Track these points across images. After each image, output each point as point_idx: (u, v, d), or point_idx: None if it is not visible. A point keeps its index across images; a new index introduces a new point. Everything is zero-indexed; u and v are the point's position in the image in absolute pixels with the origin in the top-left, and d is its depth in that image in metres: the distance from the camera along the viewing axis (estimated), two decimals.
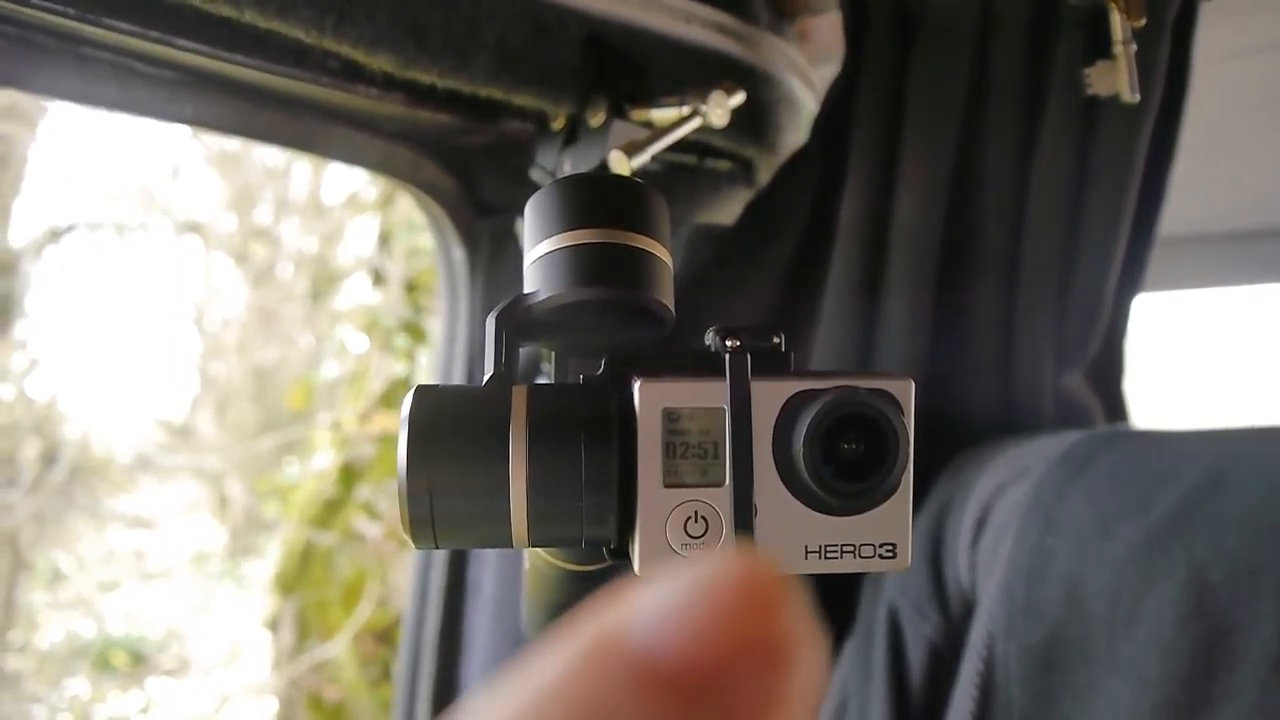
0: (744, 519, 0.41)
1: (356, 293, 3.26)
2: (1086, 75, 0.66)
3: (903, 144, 0.80)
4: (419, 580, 0.95)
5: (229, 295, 3.81)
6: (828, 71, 0.89)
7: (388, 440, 2.44)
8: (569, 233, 0.45)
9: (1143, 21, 0.60)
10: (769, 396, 0.41)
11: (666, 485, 0.41)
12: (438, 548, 0.43)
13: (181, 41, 0.59)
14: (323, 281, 3.46)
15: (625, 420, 0.42)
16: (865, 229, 0.82)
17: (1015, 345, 0.84)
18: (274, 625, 2.51)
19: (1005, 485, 0.78)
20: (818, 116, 0.83)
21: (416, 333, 2.48)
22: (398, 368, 2.48)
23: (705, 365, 0.43)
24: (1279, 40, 0.91)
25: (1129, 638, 0.65)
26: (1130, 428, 0.87)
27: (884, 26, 0.79)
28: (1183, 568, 0.64)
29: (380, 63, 0.61)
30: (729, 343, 0.41)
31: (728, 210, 0.91)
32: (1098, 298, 0.82)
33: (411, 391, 0.42)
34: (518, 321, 0.44)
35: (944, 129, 0.79)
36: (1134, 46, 0.63)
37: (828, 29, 0.88)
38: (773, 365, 0.43)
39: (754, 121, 0.83)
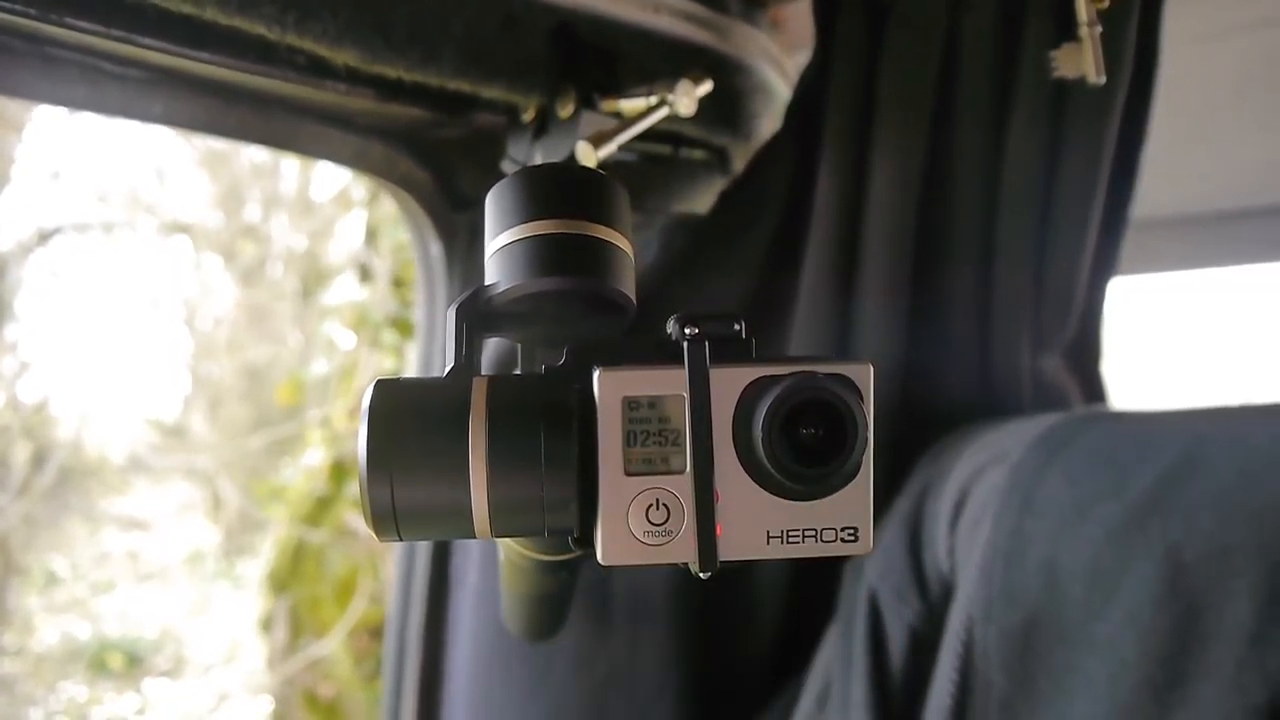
0: (705, 506, 0.41)
1: (346, 289, 3.26)
2: (1053, 57, 0.66)
3: (875, 130, 0.80)
4: (403, 573, 0.95)
5: (219, 294, 3.81)
6: (801, 59, 0.89)
7: None
8: (528, 224, 0.45)
9: (1105, 3, 0.60)
10: (728, 383, 0.41)
11: (628, 474, 0.41)
12: (400, 539, 0.43)
13: (145, 40, 0.59)
14: (313, 279, 3.45)
15: (586, 409, 0.42)
16: (840, 215, 0.83)
17: (991, 329, 0.85)
18: (267, 624, 2.52)
19: (983, 468, 0.78)
20: (790, 103, 0.83)
21: (404, 328, 2.48)
22: (386, 363, 2.49)
23: (666, 354, 0.43)
24: (1254, 21, 0.91)
25: (1106, 618, 0.65)
26: (1106, 409, 0.87)
27: (854, 12, 0.79)
28: (1159, 548, 0.64)
29: (346, 58, 0.61)
30: (688, 330, 0.41)
31: (703, 200, 0.91)
32: (1072, 280, 0.82)
33: (371, 384, 0.42)
34: (479, 313, 0.45)
35: (916, 114, 0.79)
36: (1099, 28, 0.63)
37: (801, 16, 0.88)
38: (734, 352, 0.43)
39: (727, 111, 0.83)
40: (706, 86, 0.65)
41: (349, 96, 0.70)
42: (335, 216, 3.37)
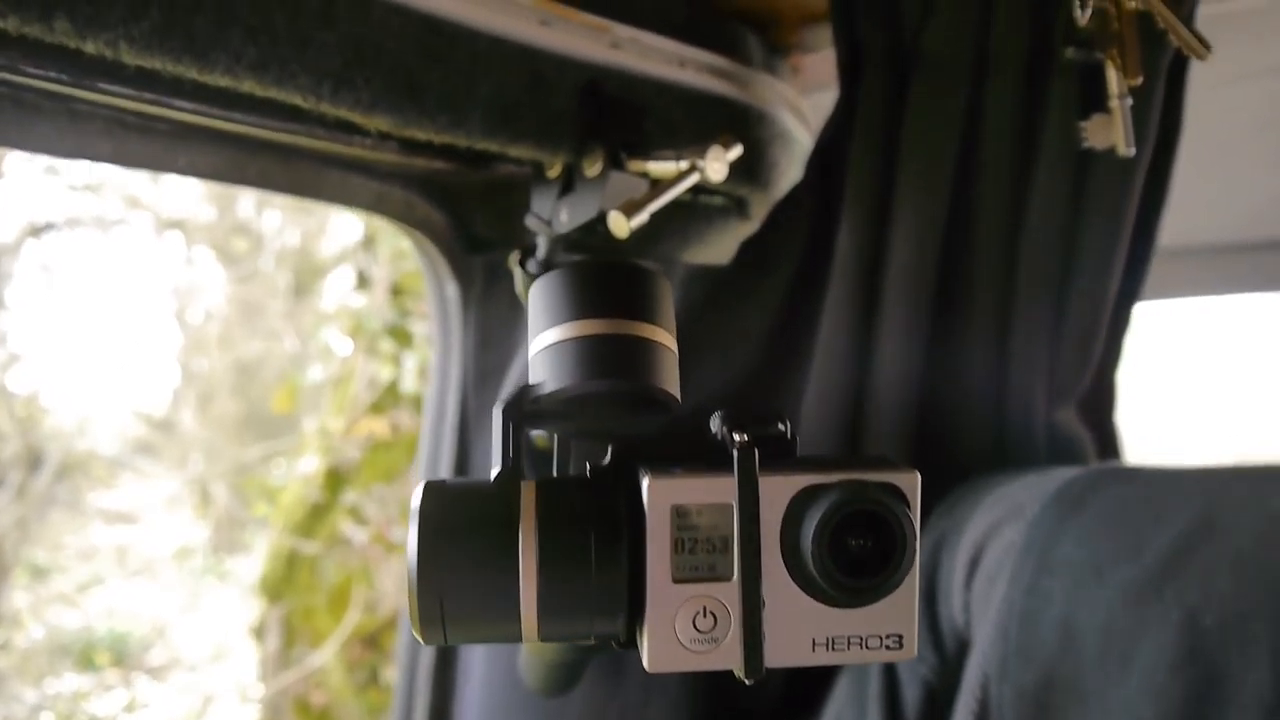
0: (753, 614, 0.41)
1: (339, 288, 3.24)
2: (1082, 128, 0.67)
3: (897, 182, 0.80)
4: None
5: (211, 289, 3.79)
6: (820, 100, 0.89)
7: (374, 445, 2.43)
8: (575, 323, 0.45)
9: (1139, 80, 0.60)
10: (777, 491, 0.42)
11: (675, 580, 0.41)
12: (446, 643, 0.43)
13: (178, 103, 0.59)
14: (305, 276, 3.44)
15: (634, 516, 0.42)
16: (859, 266, 0.83)
17: (1008, 382, 0.85)
18: (260, 632, 2.51)
19: (999, 524, 0.78)
20: (812, 153, 0.83)
21: (402, 337, 2.47)
22: (383, 372, 2.48)
23: (712, 456, 0.43)
24: (1265, 70, 0.91)
25: (1122, 681, 0.66)
26: (1121, 465, 0.87)
27: (878, 65, 0.79)
28: (1175, 612, 0.65)
29: (378, 124, 0.60)
30: (736, 436, 0.42)
31: (721, 245, 0.91)
32: (1091, 334, 0.83)
33: (421, 486, 0.42)
34: (525, 412, 0.45)
35: (939, 169, 0.79)
36: (1129, 101, 0.63)
37: (821, 63, 0.88)
38: (779, 452, 0.43)
39: (749, 160, 0.83)
40: (737, 151, 0.65)
41: (374, 151, 0.70)
42: (329, 213, 3.35)
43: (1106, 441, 0.90)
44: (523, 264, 0.75)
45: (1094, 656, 0.68)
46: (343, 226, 3.29)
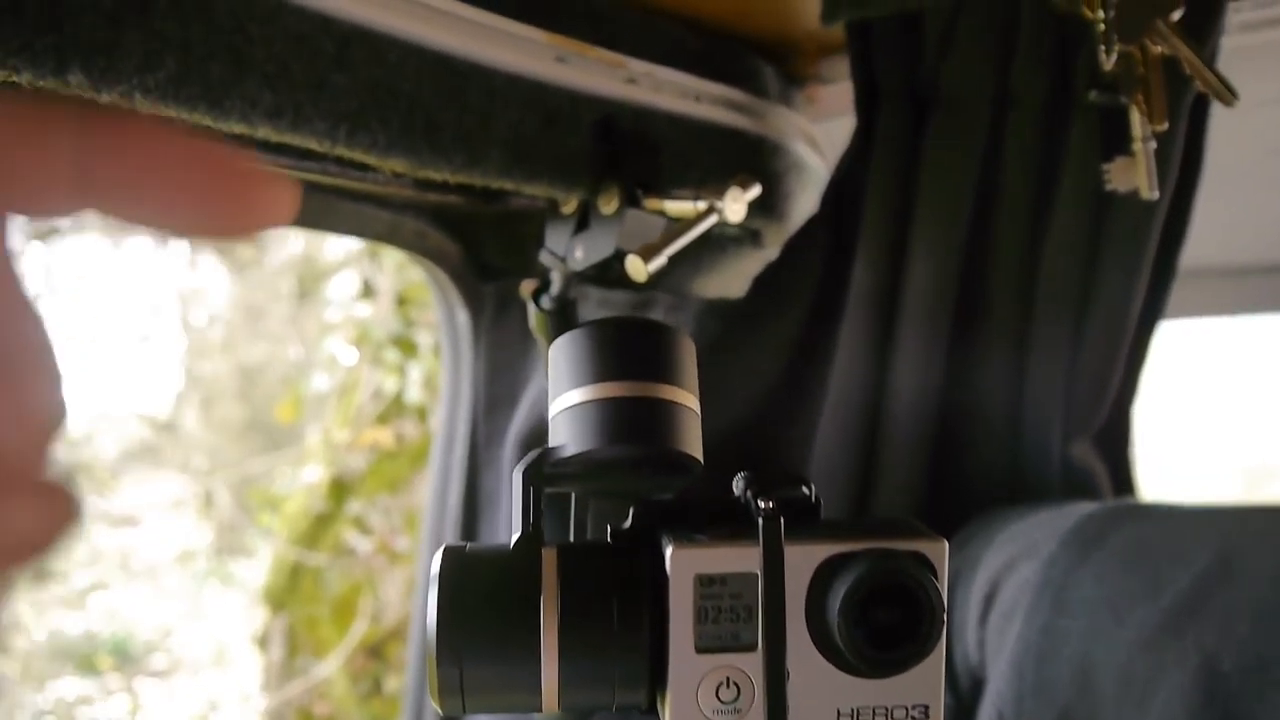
0: (777, 686, 0.40)
1: (343, 291, 3.23)
2: (1105, 171, 0.66)
3: (915, 217, 0.79)
4: (421, 613, 0.94)
5: (214, 292, 3.78)
6: (834, 127, 0.88)
7: (380, 455, 2.43)
8: (598, 385, 0.44)
9: (1165, 126, 0.60)
10: (802, 560, 0.41)
11: (699, 650, 0.41)
12: (465, 713, 0.42)
13: None
14: (309, 280, 3.43)
15: (657, 582, 0.41)
16: (877, 298, 0.82)
17: (1024, 415, 0.84)
18: (263, 641, 2.51)
19: (1014, 562, 0.78)
20: (828, 186, 0.82)
21: (407, 346, 2.47)
22: (388, 382, 2.47)
23: (736, 520, 0.42)
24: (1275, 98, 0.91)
25: None
26: (1136, 503, 0.87)
27: (896, 99, 0.78)
28: (1194, 655, 0.64)
29: (393, 165, 0.60)
30: (761, 503, 0.41)
31: (734, 273, 0.90)
32: (1108, 369, 0.82)
33: (440, 552, 0.42)
34: (546, 476, 0.44)
35: (957, 204, 0.78)
36: (1153, 144, 0.63)
37: (835, 91, 0.87)
38: (803, 515, 0.43)
39: (763, 191, 0.83)
40: (755, 191, 0.64)
41: (387, 187, 0.69)
42: None
43: (1121, 475, 0.89)
44: (536, 299, 0.75)
45: (1111, 698, 0.67)
46: None
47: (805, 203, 0.87)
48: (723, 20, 0.76)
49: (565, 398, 0.45)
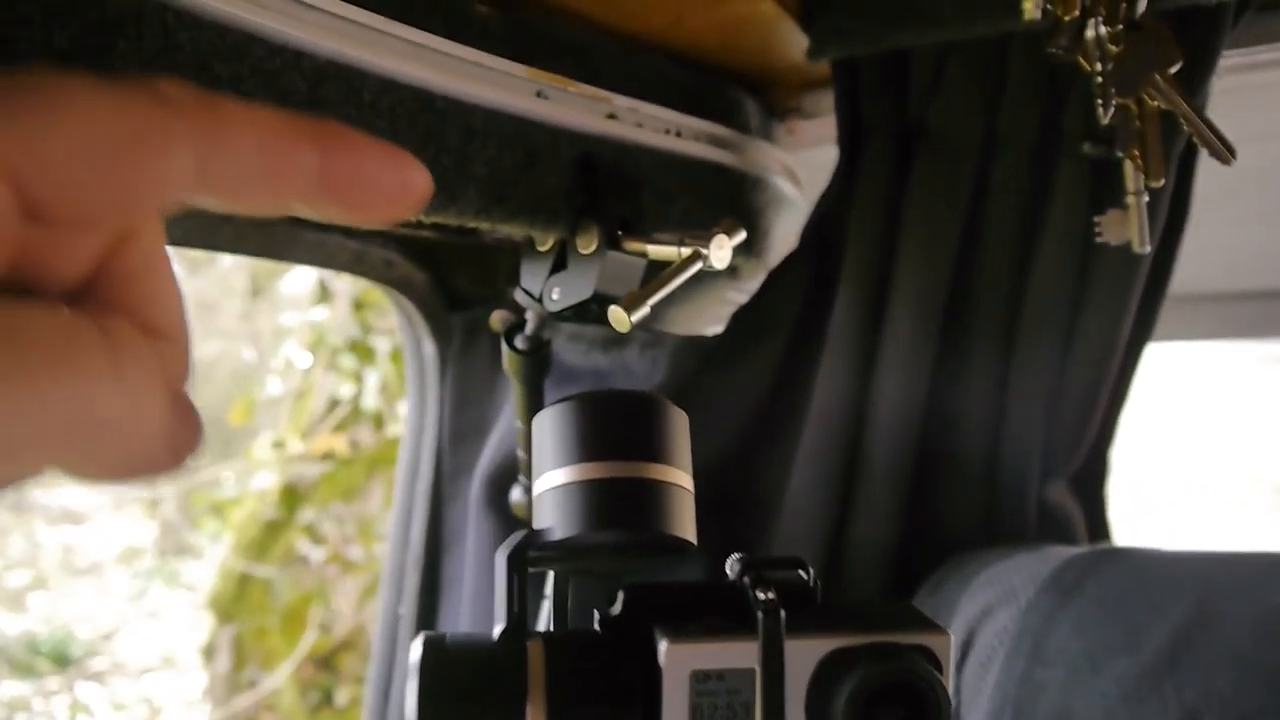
0: None
1: (297, 288, 3.18)
2: (1097, 223, 0.65)
3: (899, 251, 0.78)
4: (394, 573, 0.90)
5: None
6: (810, 157, 0.86)
7: (335, 462, 2.38)
8: (583, 465, 0.42)
9: (1161, 182, 0.59)
10: (803, 655, 0.39)
11: None
12: None
13: None
14: (263, 277, 3.37)
15: (649, 676, 0.39)
16: (858, 334, 0.81)
17: (1002, 453, 0.83)
18: (210, 652, 2.45)
19: (991, 608, 0.77)
20: (809, 221, 0.81)
21: (364, 352, 2.42)
22: (344, 388, 2.42)
23: (730, 606, 0.40)
24: (1259, 135, 0.91)
25: None
26: (1114, 547, 0.86)
27: (881, 136, 0.77)
28: (1174, 709, 0.63)
29: None
30: (760, 593, 0.39)
31: (708, 305, 0.88)
32: (1087, 412, 0.81)
33: (420, 642, 0.39)
34: (530, 560, 0.42)
35: (942, 239, 0.77)
36: (1146, 197, 0.62)
37: (817, 125, 0.86)
38: (800, 602, 0.41)
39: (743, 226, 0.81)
40: (740, 236, 0.62)
41: None
42: None
43: (1096, 517, 0.89)
44: (509, 339, 0.72)
45: None
46: None
47: (785, 237, 0.85)
48: (706, 53, 0.74)
49: (549, 477, 0.43)
